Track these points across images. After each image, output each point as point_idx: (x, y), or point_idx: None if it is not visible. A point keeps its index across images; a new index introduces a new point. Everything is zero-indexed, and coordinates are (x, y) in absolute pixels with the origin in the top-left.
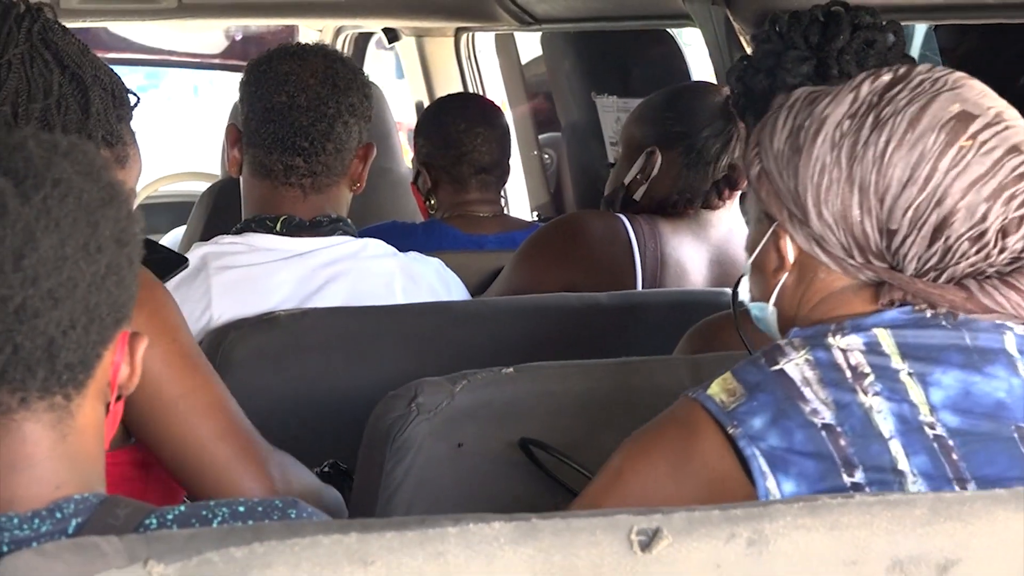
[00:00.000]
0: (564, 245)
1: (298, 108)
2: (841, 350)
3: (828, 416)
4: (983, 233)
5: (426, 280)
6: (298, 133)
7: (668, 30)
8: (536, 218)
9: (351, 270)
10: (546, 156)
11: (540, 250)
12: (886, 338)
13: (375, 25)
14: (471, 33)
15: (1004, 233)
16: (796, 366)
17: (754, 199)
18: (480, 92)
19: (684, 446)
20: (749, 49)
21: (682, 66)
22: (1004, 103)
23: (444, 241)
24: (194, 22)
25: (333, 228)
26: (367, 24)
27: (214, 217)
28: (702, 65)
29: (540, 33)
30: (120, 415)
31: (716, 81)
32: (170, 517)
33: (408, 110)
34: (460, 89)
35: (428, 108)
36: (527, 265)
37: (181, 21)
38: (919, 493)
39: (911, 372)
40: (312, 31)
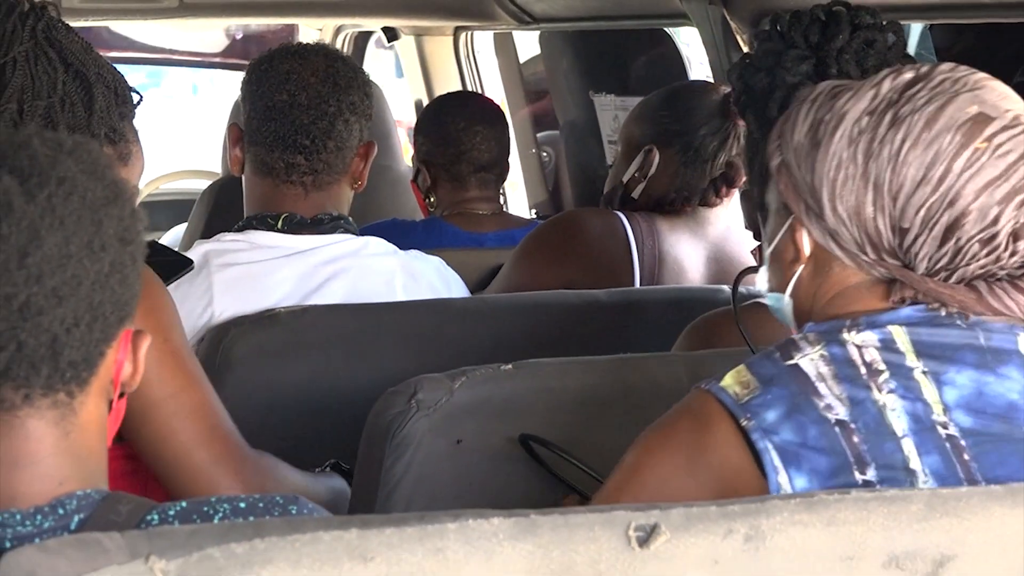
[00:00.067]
0: (562, 242)
1: (299, 106)
2: (856, 346)
3: (842, 412)
4: (994, 236)
5: (426, 278)
6: (299, 131)
7: (666, 29)
8: (535, 216)
9: (352, 268)
10: (544, 154)
11: (539, 248)
12: (901, 335)
13: (374, 24)
14: (470, 32)
15: (1015, 237)
16: (811, 361)
17: (775, 190)
18: (479, 91)
19: (698, 438)
20: (746, 48)
21: (679, 65)
22: None
23: (444, 239)
24: (195, 21)
25: (334, 226)
26: (366, 23)
27: (215, 215)
28: (702, 64)
29: (538, 32)
30: (123, 412)
31: (714, 80)
32: (172, 513)
33: (408, 109)
34: (459, 88)
35: (428, 106)
36: (526, 263)
37: (182, 20)
38: (915, 489)
39: (925, 371)
40: (312, 30)
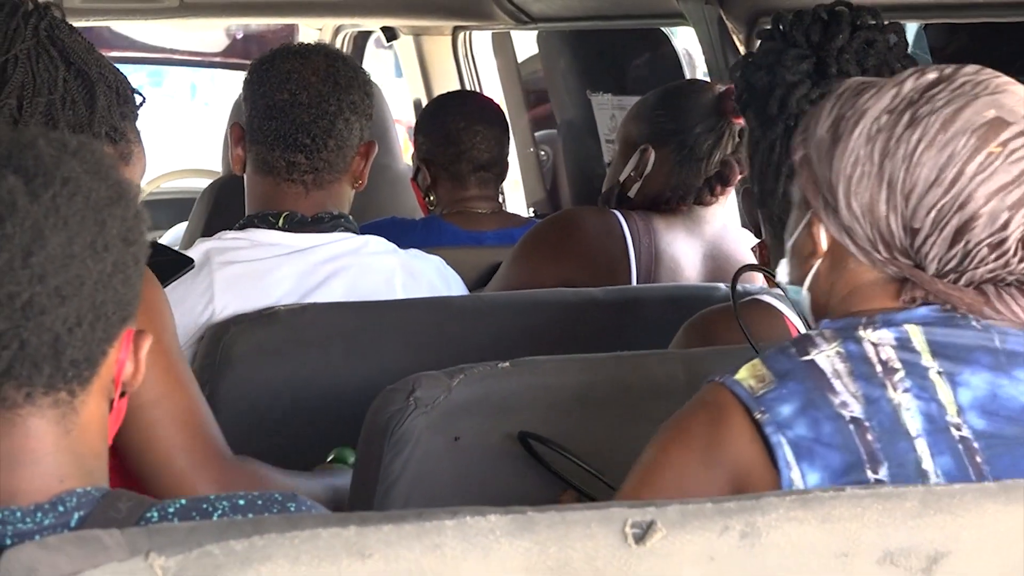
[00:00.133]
0: (560, 241)
1: (300, 105)
2: (872, 344)
3: (857, 410)
4: (1003, 241)
5: (426, 277)
6: (300, 130)
7: (663, 29)
8: (532, 214)
9: (352, 266)
10: (542, 153)
11: (536, 246)
12: (917, 335)
13: (373, 24)
14: (468, 32)
15: None
16: (827, 358)
17: (798, 183)
18: (477, 90)
19: (713, 430)
20: (742, 48)
21: (676, 64)
22: None
23: (443, 237)
24: (195, 21)
25: (335, 224)
26: (365, 23)
27: (215, 213)
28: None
29: (536, 32)
30: (124, 411)
31: (710, 79)
32: (171, 510)
33: (407, 108)
34: (457, 87)
35: (428, 105)
36: (524, 261)
37: (183, 20)
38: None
39: (940, 371)
40: (312, 30)
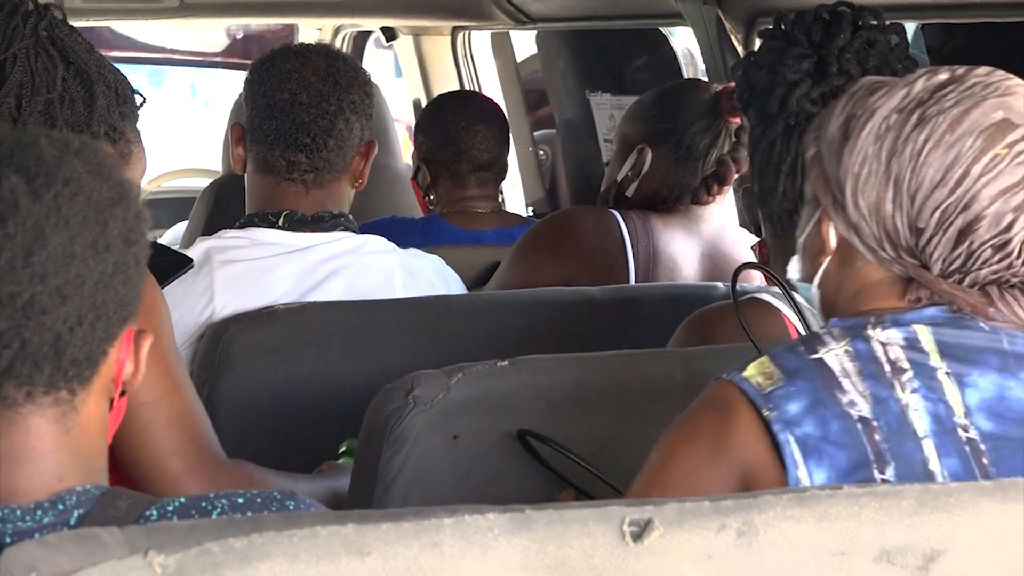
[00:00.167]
0: (558, 240)
1: (300, 105)
2: (881, 343)
3: (865, 409)
4: (1007, 242)
5: (425, 276)
6: (300, 129)
7: (661, 29)
8: (531, 214)
9: (352, 265)
10: (541, 153)
11: (535, 246)
12: (926, 335)
13: (373, 24)
14: (467, 32)
15: None
16: (836, 356)
17: (811, 181)
18: (476, 90)
19: (720, 427)
20: (740, 48)
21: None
22: None
23: (442, 236)
24: (195, 21)
25: (334, 223)
26: (365, 23)
27: (216, 213)
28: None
29: (535, 32)
30: (124, 411)
31: (708, 79)
32: (170, 508)
33: (406, 108)
34: (456, 87)
35: (428, 105)
36: (522, 260)
37: (183, 20)
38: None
39: (948, 372)
40: (312, 30)
